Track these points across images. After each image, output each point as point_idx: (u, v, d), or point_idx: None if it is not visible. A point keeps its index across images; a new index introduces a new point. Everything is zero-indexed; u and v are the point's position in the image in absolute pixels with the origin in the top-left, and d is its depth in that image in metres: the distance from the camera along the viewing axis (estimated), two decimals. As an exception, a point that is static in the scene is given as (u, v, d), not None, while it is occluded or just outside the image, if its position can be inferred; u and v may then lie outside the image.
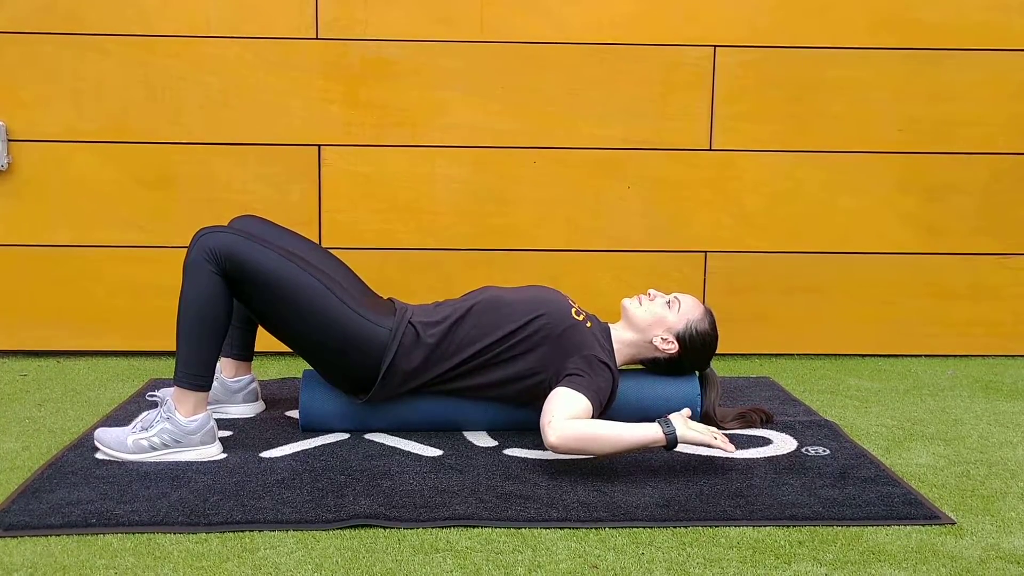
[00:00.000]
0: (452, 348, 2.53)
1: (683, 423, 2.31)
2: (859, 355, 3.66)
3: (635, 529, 2.07)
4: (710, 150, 3.53)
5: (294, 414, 2.81)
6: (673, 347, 2.62)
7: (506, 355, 2.52)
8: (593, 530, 2.07)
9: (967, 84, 3.52)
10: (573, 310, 2.58)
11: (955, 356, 3.65)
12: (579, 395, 2.38)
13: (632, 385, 2.67)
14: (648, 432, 2.29)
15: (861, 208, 3.57)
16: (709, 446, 2.30)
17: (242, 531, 2.03)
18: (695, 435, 2.29)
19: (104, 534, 2.01)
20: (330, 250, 2.88)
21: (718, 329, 2.68)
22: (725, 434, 2.63)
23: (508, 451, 2.52)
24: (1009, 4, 3.49)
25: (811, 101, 3.51)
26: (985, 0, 3.48)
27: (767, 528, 2.09)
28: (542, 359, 2.51)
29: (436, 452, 2.51)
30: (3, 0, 3.33)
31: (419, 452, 2.50)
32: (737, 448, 2.56)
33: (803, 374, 3.43)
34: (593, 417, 2.39)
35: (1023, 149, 3.56)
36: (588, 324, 2.56)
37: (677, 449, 2.41)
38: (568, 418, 2.31)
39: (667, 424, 2.29)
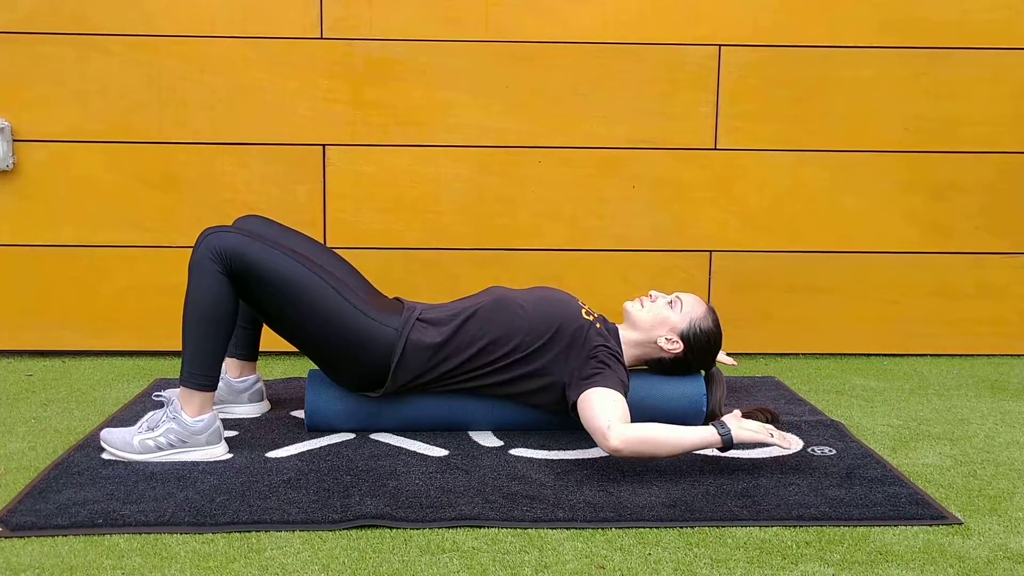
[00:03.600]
0: (460, 347, 2.53)
1: (736, 424, 2.32)
2: (865, 354, 3.65)
3: (642, 529, 2.07)
4: (715, 149, 3.52)
5: (300, 414, 2.81)
6: (678, 346, 2.62)
7: (516, 356, 2.52)
8: (600, 530, 2.06)
9: (972, 83, 3.51)
10: (583, 311, 2.58)
11: (961, 355, 3.64)
12: (615, 392, 2.40)
13: (637, 385, 2.67)
14: (704, 435, 2.32)
15: (867, 207, 3.57)
16: (765, 444, 2.31)
17: (248, 531, 2.03)
18: (749, 434, 2.31)
19: (111, 534, 2.01)
20: (335, 250, 2.88)
21: (721, 327, 2.68)
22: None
23: (514, 451, 2.52)
24: (1014, 3, 3.48)
25: (816, 100, 3.51)
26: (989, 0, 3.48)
27: (774, 528, 2.09)
28: (553, 360, 2.51)
29: (442, 452, 2.50)
30: (8, 1, 3.33)
31: (425, 452, 2.50)
32: (742, 448, 2.55)
33: (808, 374, 3.43)
34: None
35: (1029, 148, 3.56)
36: (598, 325, 2.57)
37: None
38: (620, 420, 2.32)
39: (722, 426, 2.31)
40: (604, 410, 2.35)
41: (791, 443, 2.30)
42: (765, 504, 2.19)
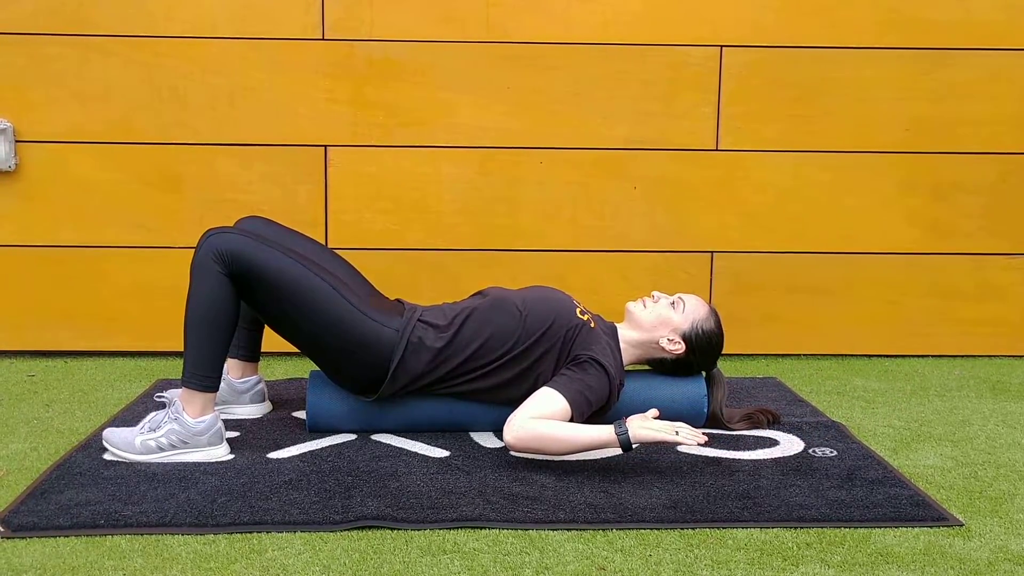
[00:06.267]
0: (459, 348, 2.53)
1: (639, 423, 2.30)
2: (866, 355, 3.65)
3: (642, 531, 2.07)
4: (716, 150, 3.52)
5: (301, 415, 2.82)
6: (680, 347, 2.62)
7: (512, 356, 2.52)
8: (600, 531, 2.07)
9: (973, 84, 3.51)
10: (578, 310, 2.58)
11: (962, 356, 3.64)
12: (556, 394, 2.39)
13: (639, 386, 2.67)
14: (601, 434, 2.32)
15: (868, 208, 3.57)
16: (668, 443, 2.29)
17: (250, 532, 2.04)
18: (650, 434, 2.28)
19: (112, 535, 2.01)
20: (336, 250, 2.88)
21: (723, 328, 2.69)
22: (733, 433, 2.63)
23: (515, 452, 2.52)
24: (1015, 3, 3.48)
25: (817, 101, 3.51)
26: (991, 0, 3.47)
27: (774, 530, 2.09)
28: (548, 360, 2.52)
29: (443, 453, 2.51)
30: (9, 1, 3.33)
31: (426, 453, 2.50)
32: (743, 449, 2.56)
33: (809, 374, 3.43)
34: (581, 417, 2.41)
35: (1030, 149, 3.56)
36: (592, 324, 2.57)
37: (682, 450, 2.40)
38: (532, 417, 2.34)
39: (620, 426, 2.31)
40: (526, 405, 2.37)
41: (701, 439, 2.26)
42: (766, 505, 2.19)
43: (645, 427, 2.29)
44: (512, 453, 2.46)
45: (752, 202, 3.56)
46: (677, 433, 2.27)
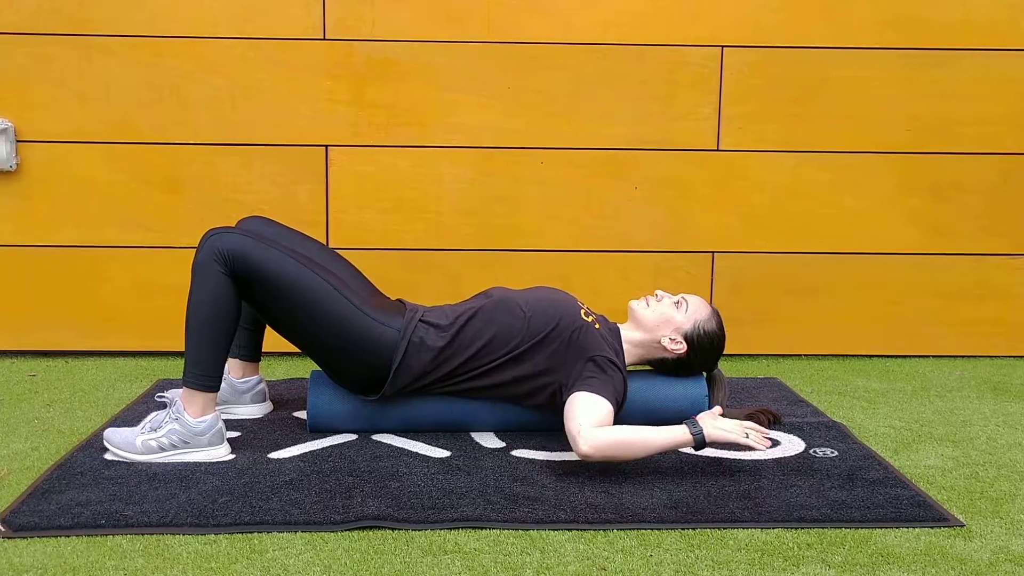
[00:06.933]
0: (461, 348, 2.53)
1: (711, 422, 2.31)
2: (866, 356, 3.65)
3: (643, 531, 2.07)
4: (717, 150, 3.52)
5: (302, 415, 2.82)
6: (681, 347, 2.62)
7: (515, 356, 2.52)
8: (601, 532, 2.07)
9: (973, 84, 3.51)
10: (582, 311, 2.58)
11: (963, 356, 3.64)
12: (599, 398, 2.39)
13: (640, 386, 2.67)
14: (676, 434, 2.31)
15: (868, 208, 3.57)
16: (739, 445, 2.29)
17: (251, 532, 2.04)
18: (722, 434, 2.29)
19: (113, 535, 2.01)
20: (337, 250, 2.88)
21: (725, 329, 2.69)
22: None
23: (516, 452, 2.52)
24: (1016, 3, 3.48)
25: (818, 101, 3.51)
26: (991, 0, 3.47)
27: (775, 530, 2.09)
28: (551, 361, 2.52)
29: (444, 453, 2.51)
30: (10, 1, 3.33)
31: (427, 453, 2.50)
32: (744, 450, 2.55)
33: (810, 375, 3.43)
34: (614, 417, 2.41)
35: (1031, 149, 3.56)
36: (597, 325, 2.57)
37: (683, 450, 2.40)
38: (595, 425, 2.31)
39: (694, 425, 2.30)
40: (580, 413, 2.34)
41: (767, 443, 2.28)
42: (767, 506, 2.19)
43: (718, 427, 2.30)
44: (563, 457, 2.45)
45: (753, 202, 3.56)
46: (748, 436, 2.28)
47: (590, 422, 2.31)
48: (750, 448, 2.29)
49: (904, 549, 2.01)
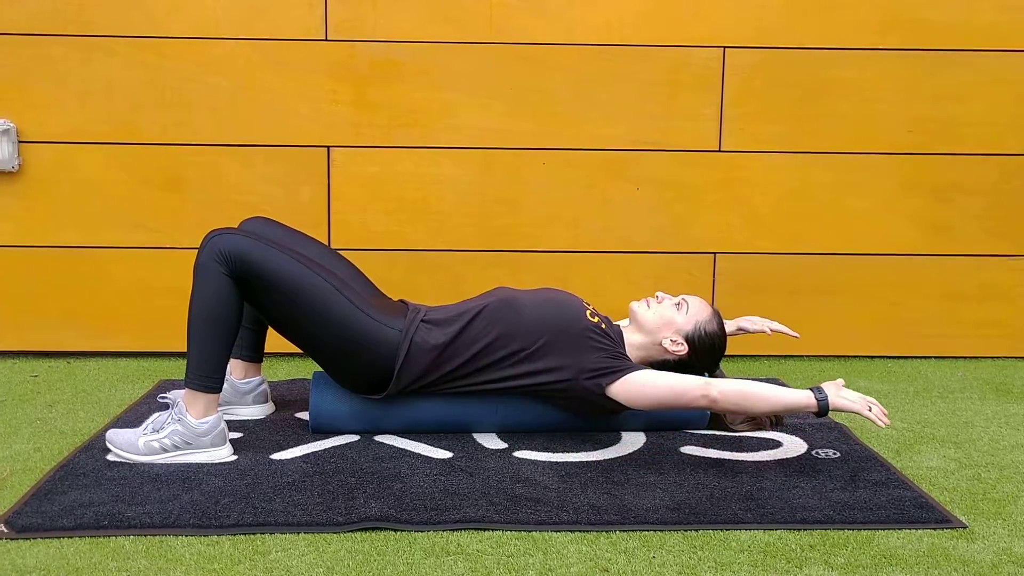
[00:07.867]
0: (463, 346, 2.53)
1: (835, 391, 2.35)
2: (868, 357, 3.65)
3: (646, 532, 2.07)
4: (719, 151, 3.52)
5: (304, 416, 2.82)
6: (682, 348, 2.62)
7: (519, 355, 2.52)
8: (604, 533, 2.07)
9: (976, 85, 3.51)
10: (588, 312, 2.58)
11: (965, 358, 3.64)
12: (675, 374, 2.49)
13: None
14: (799, 397, 2.37)
15: (870, 209, 3.57)
16: (861, 415, 2.33)
17: (253, 533, 2.04)
18: (846, 403, 2.33)
19: (116, 536, 2.01)
20: (339, 251, 2.88)
21: (726, 330, 2.69)
22: (736, 435, 2.63)
23: (518, 453, 2.52)
24: (1018, 5, 3.48)
25: (820, 102, 3.51)
26: (994, 1, 3.47)
27: (778, 531, 2.09)
28: (558, 359, 2.51)
29: (446, 454, 2.51)
30: (12, 2, 3.33)
31: (429, 454, 2.50)
32: (747, 451, 2.56)
33: (812, 376, 3.42)
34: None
35: (1033, 150, 3.56)
36: (603, 326, 2.57)
37: (685, 452, 2.40)
38: (708, 382, 2.41)
39: (820, 391, 2.35)
40: (679, 377, 2.45)
41: (887, 420, 2.32)
42: (769, 507, 2.19)
43: (842, 396, 2.35)
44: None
45: (755, 203, 3.55)
46: (870, 409, 2.31)
47: (707, 379, 2.42)
48: (872, 422, 2.33)
49: (907, 550, 2.01)
